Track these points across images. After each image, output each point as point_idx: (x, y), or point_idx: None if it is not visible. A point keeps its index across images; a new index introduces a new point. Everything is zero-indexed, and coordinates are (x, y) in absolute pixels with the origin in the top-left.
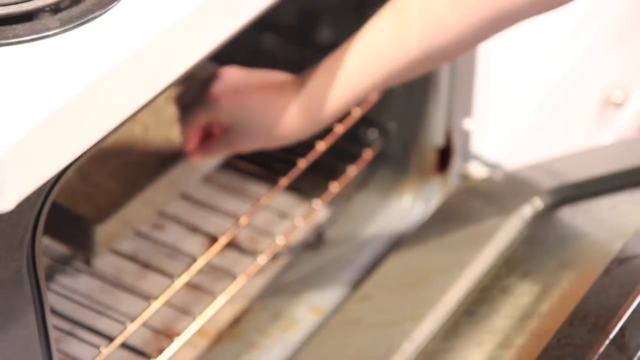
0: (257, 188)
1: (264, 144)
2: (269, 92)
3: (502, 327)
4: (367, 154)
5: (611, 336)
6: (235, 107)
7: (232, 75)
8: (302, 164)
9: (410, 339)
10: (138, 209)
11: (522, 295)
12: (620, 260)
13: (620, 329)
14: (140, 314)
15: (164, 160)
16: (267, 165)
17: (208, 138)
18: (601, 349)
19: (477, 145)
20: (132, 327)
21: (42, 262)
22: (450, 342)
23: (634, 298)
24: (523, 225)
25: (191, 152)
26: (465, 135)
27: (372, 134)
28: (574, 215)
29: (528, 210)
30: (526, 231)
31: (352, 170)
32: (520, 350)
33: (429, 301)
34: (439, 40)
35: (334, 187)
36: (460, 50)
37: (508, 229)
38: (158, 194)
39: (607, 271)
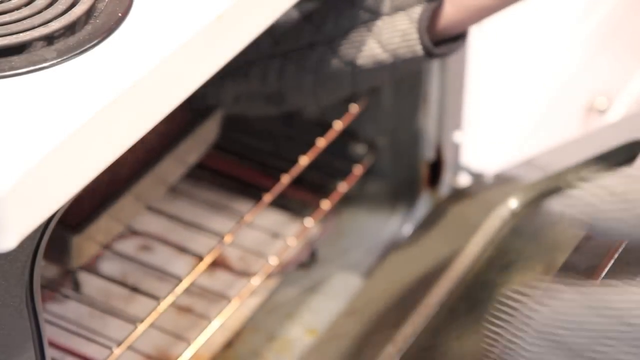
0: (246, 206)
1: None
2: None
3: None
4: (357, 170)
5: None
6: None
7: None
8: (286, 179)
9: (393, 343)
10: (108, 223)
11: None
12: (588, 237)
13: None
14: (126, 337)
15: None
16: (252, 181)
17: None
18: None
19: (467, 157)
20: (118, 351)
21: (40, 297)
22: (434, 339)
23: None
24: (505, 220)
25: None
26: (456, 148)
27: (361, 149)
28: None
29: (512, 205)
30: (510, 225)
31: (343, 187)
32: None
33: (412, 307)
34: None
35: (326, 204)
36: None
37: (489, 226)
38: (127, 205)
39: (576, 249)
